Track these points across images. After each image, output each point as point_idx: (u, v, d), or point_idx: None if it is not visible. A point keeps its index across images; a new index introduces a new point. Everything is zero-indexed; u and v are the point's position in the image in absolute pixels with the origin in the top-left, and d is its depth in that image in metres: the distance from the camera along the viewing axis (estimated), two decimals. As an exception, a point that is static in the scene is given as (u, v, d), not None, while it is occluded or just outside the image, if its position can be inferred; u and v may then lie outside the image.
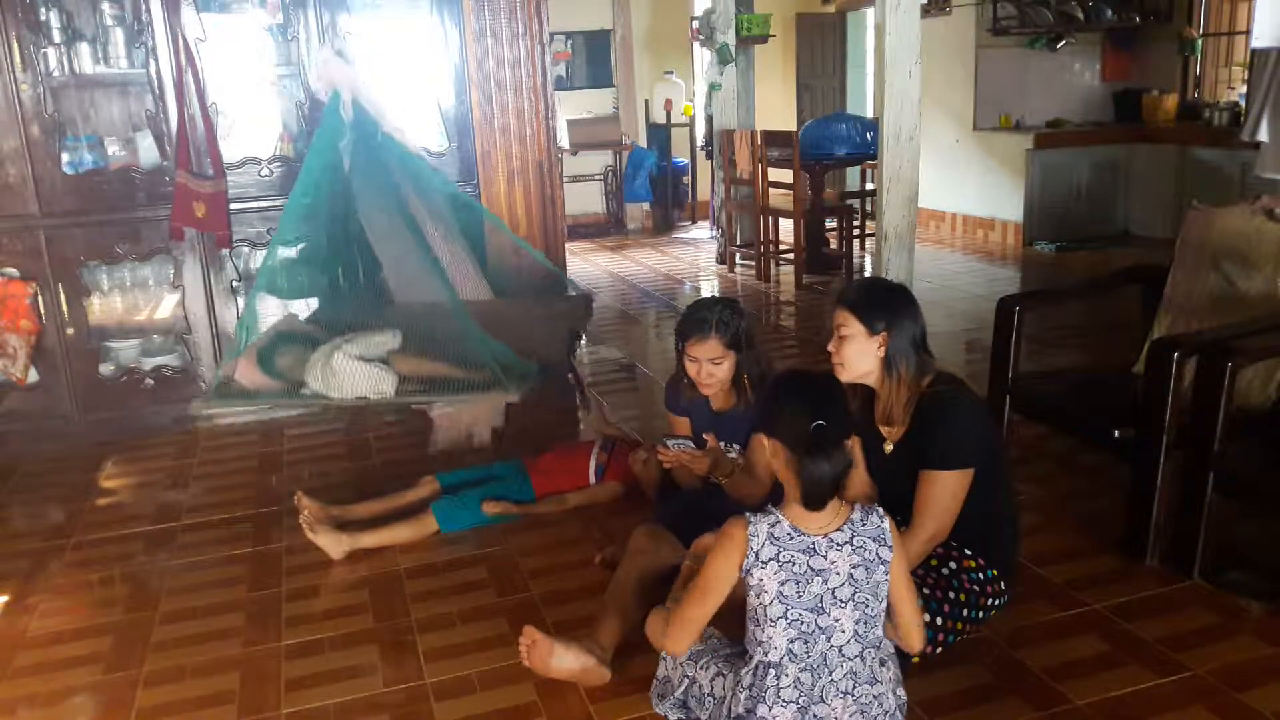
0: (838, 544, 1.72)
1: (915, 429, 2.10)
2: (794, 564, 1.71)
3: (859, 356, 2.08)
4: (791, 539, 1.72)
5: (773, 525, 1.73)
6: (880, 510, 1.79)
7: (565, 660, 2.09)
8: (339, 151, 3.04)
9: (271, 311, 3.47)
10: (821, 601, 1.71)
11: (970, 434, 2.07)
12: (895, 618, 1.79)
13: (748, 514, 1.75)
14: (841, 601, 1.72)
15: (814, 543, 1.71)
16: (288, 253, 3.15)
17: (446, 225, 3.49)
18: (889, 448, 2.18)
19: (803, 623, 1.71)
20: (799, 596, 1.71)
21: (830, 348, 2.12)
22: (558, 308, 3.60)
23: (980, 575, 2.13)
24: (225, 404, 2.98)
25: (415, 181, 3.37)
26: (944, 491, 2.04)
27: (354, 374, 2.81)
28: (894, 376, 2.07)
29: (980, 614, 2.14)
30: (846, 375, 2.12)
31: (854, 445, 2.19)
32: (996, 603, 2.18)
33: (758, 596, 1.73)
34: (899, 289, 2.17)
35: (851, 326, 2.07)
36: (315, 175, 3.06)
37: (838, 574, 1.71)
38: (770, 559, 1.71)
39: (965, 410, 2.08)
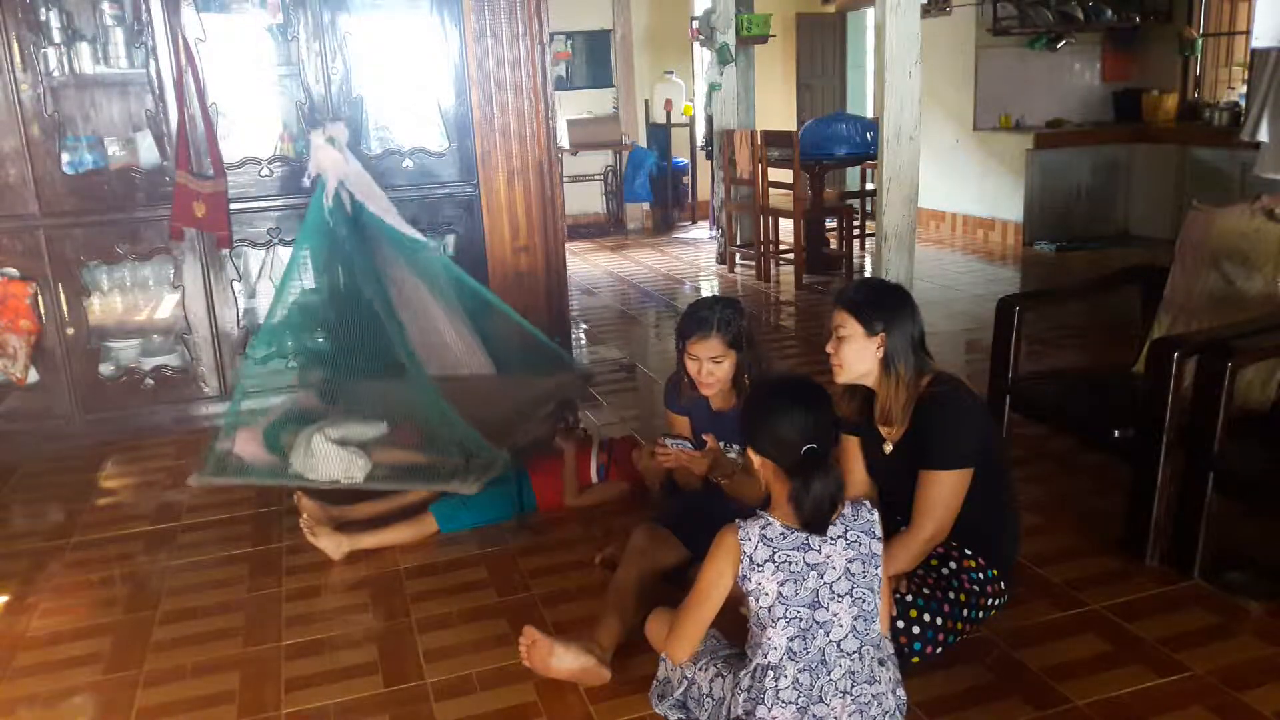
0: (831, 538, 1.73)
1: (914, 429, 2.10)
2: (790, 563, 1.71)
3: (857, 357, 2.08)
4: (784, 538, 1.72)
5: (763, 528, 1.74)
6: (868, 504, 1.80)
7: (565, 660, 2.09)
8: (324, 234, 3.15)
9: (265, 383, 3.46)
10: (818, 596, 1.71)
11: (968, 434, 2.07)
12: None
13: (737, 520, 1.76)
14: (839, 596, 1.72)
15: (806, 539, 1.72)
16: (284, 321, 3.21)
17: (446, 300, 3.55)
18: (888, 448, 2.18)
19: (800, 619, 1.71)
20: (797, 594, 1.71)
21: (829, 348, 2.13)
22: (549, 386, 3.59)
23: (980, 575, 2.13)
24: (222, 480, 3.09)
25: (408, 256, 3.44)
26: (943, 491, 2.04)
27: (328, 456, 2.91)
28: (892, 377, 2.07)
29: (980, 614, 2.14)
30: (845, 376, 2.12)
31: (852, 445, 2.19)
32: (996, 602, 2.18)
33: (758, 600, 1.73)
34: (897, 289, 2.17)
35: (850, 327, 2.07)
36: (300, 261, 3.17)
37: (834, 568, 1.72)
38: (766, 560, 1.71)
39: (963, 410, 2.08)
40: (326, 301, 3.33)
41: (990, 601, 2.15)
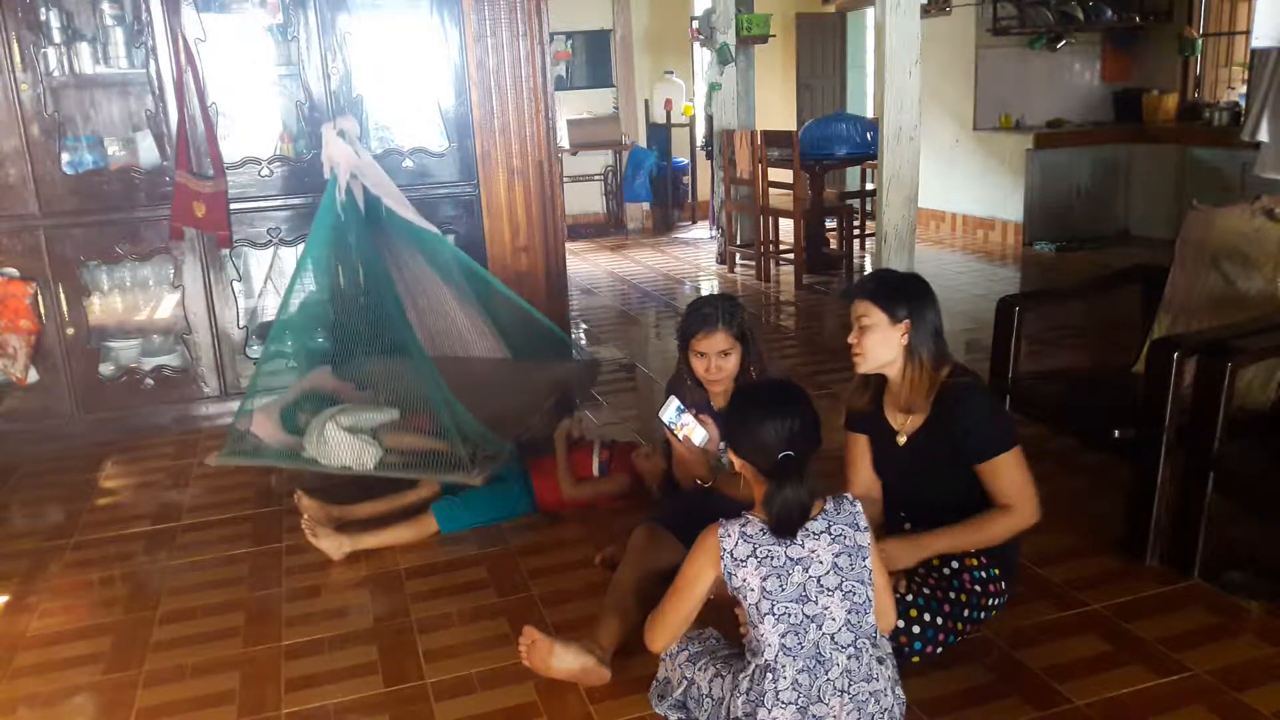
0: (814, 533, 1.74)
1: (937, 421, 2.10)
2: (772, 558, 1.72)
3: (882, 345, 2.08)
4: (765, 534, 1.74)
5: (744, 525, 1.76)
6: (850, 496, 1.81)
7: (565, 660, 2.09)
8: (334, 229, 3.14)
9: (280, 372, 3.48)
10: (806, 590, 1.72)
11: (1003, 417, 2.13)
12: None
13: (720, 519, 1.78)
14: (829, 590, 1.73)
15: None
16: (297, 312, 3.23)
17: (460, 290, 3.59)
18: (902, 439, 2.17)
19: (790, 615, 1.72)
20: (782, 590, 1.72)
21: (851, 339, 2.12)
22: (563, 373, 3.64)
23: (982, 574, 2.13)
24: (238, 460, 3.12)
25: (423, 248, 3.47)
26: (1014, 473, 2.07)
27: (340, 444, 2.92)
28: (916, 363, 2.08)
29: (981, 614, 2.14)
30: (868, 365, 2.12)
31: (859, 443, 2.19)
32: (996, 602, 2.18)
33: (745, 598, 1.74)
34: (916, 277, 2.18)
35: (873, 316, 2.07)
36: (316, 249, 3.17)
37: (820, 562, 1.73)
38: (747, 556, 1.73)
39: (990, 398, 2.13)
40: (337, 299, 3.32)
41: (991, 601, 2.15)
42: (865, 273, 2.21)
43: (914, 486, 2.20)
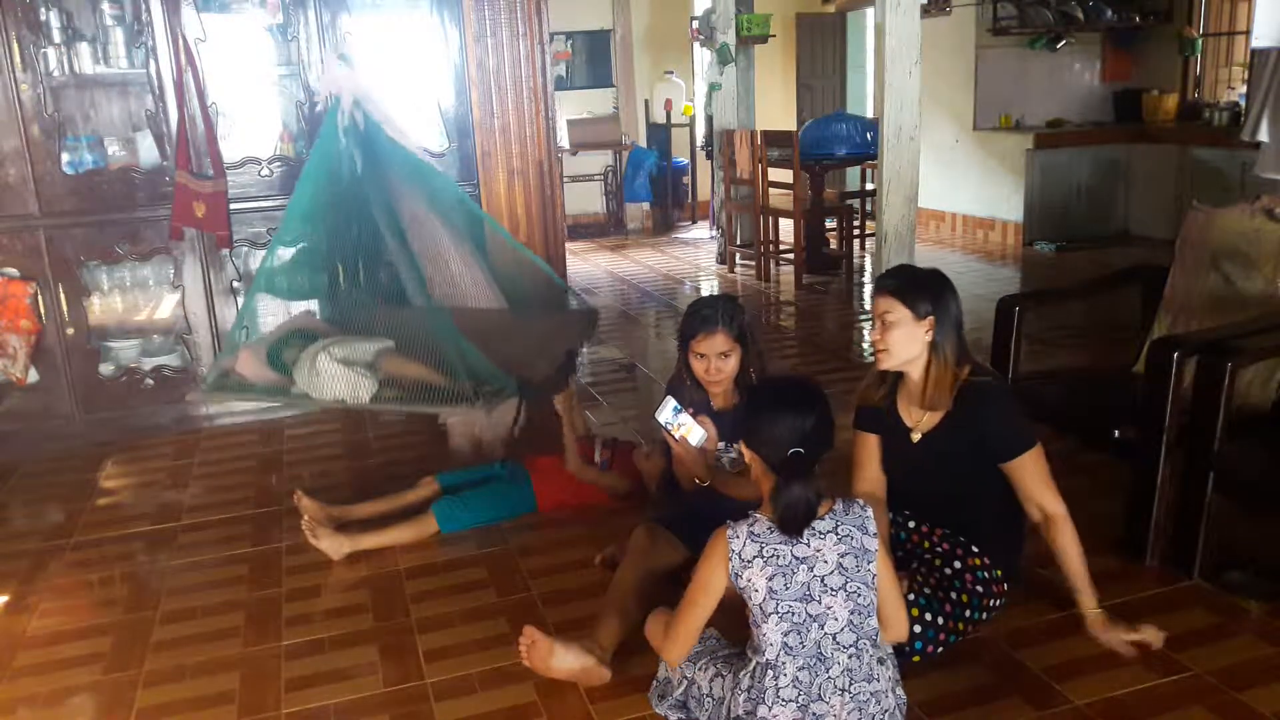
0: (820, 532, 1.74)
1: (958, 418, 2.10)
2: (778, 557, 1.72)
3: (906, 342, 2.07)
4: (772, 533, 1.74)
5: (751, 525, 1.76)
6: (860, 501, 1.81)
7: (565, 660, 2.09)
8: (337, 158, 3.03)
9: (271, 311, 3.46)
10: (809, 589, 1.72)
11: (1018, 416, 2.12)
12: (881, 607, 1.79)
13: (728, 521, 1.77)
14: (832, 590, 1.72)
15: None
16: (287, 254, 3.15)
17: (457, 230, 3.46)
18: (916, 437, 2.17)
19: (794, 614, 1.72)
20: (786, 588, 1.72)
21: (874, 335, 2.11)
22: (561, 322, 3.56)
23: (985, 574, 2.13)
24: (223, 396, 2.99)
25: (423, 185, 3.33)
26: (1039, 467, 2.09)
27: (334, 376, 2.83)
28: (940, 359, 2.07)
29: (982, 615, 2.14)
30: (892, 362, 2.11)
31: (869, 442, 2.17)
32: (998, 603, 2.18)
33: (751, 598, 1.74)
34: (938, 273, 2.15)
35: (897, 312, 2.05)
36: (314, 181, 3.07)
37: (825, 562, 1.73)
38: (754, 556, 1.72)
39: (1012, 397, 2.13)
40: (334, 235, 3.21)
41: (993, 602, 2.15)
42: (888, 268, 2.17)
43: (924, 484, 2.19)
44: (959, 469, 2.13)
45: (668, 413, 2.25)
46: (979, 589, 2.11)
